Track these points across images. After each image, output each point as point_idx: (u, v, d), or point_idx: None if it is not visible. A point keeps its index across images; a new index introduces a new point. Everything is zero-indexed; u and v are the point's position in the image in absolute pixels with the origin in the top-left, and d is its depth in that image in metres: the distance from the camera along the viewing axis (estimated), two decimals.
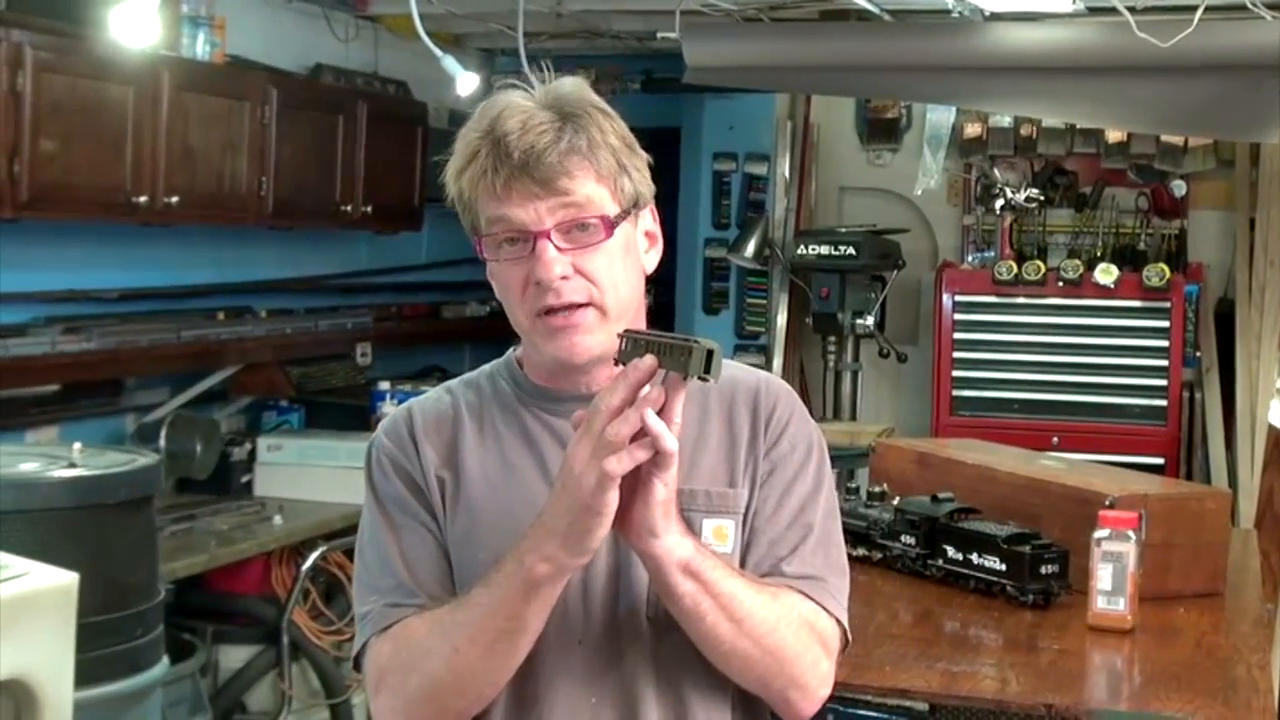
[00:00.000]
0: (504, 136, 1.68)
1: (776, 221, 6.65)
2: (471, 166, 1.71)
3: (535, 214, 1.69)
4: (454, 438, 1.81)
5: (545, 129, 1.68)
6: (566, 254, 1.70)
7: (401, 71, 6.16)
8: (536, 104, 1.71)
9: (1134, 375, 5.98)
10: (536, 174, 1.68)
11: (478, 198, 1.72)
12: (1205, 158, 6.13)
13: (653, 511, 1.59)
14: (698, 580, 1.64)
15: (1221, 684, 2.81)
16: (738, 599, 1.66)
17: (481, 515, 1.76)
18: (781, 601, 1.71)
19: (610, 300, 1.72)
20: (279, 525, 4.81)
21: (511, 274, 1.73)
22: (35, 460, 3.58)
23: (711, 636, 1.67)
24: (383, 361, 6.17)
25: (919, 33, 5.32)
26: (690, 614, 1.66)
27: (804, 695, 1.74)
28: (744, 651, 1.68)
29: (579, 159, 1.69)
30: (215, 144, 4.81)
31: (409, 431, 1.82)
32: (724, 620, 1.66)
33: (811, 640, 1.73)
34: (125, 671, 3.48)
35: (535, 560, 1.60)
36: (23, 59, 4.01)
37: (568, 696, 1.73)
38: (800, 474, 1.81)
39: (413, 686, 1.70)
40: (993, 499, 3.59)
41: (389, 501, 1.80)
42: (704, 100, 6.85)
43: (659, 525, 1.60)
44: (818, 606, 1.75)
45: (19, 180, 4.03)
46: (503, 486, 1.77)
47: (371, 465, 1.83)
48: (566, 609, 1.71)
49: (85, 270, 4.83)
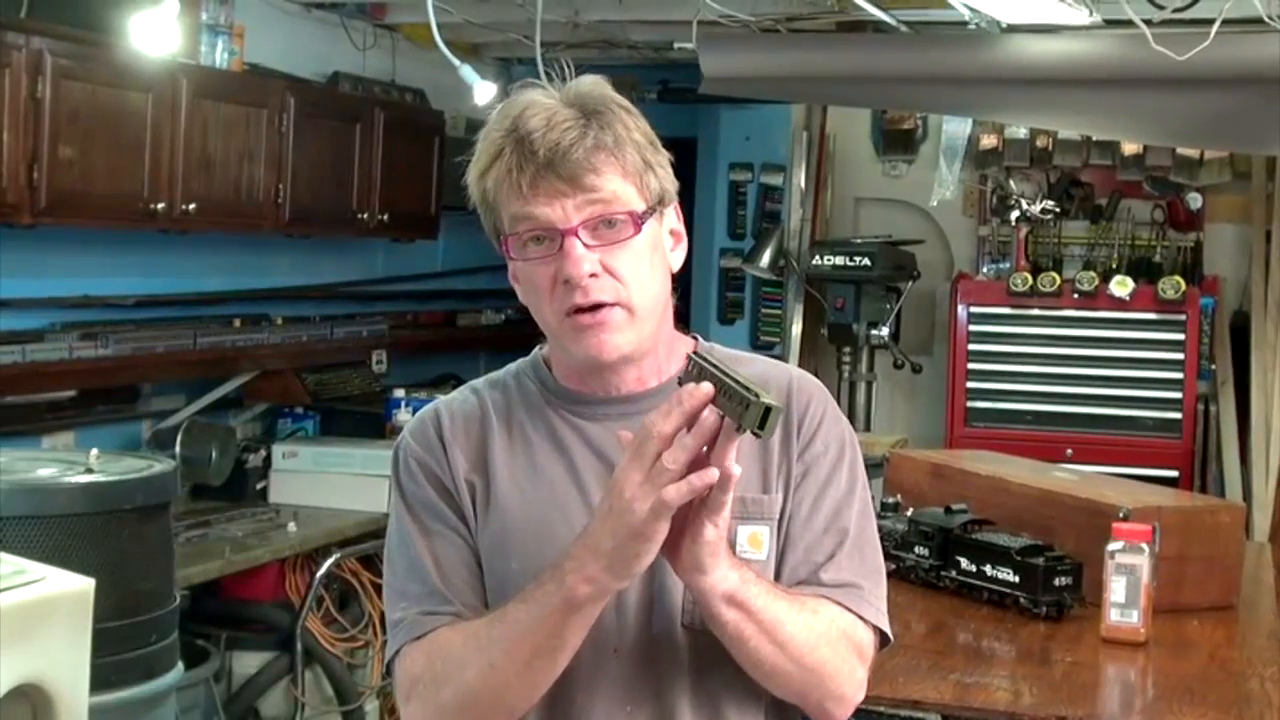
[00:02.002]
0: (528, 135, 1.65)
1: (792, 232, 6.65)
2: (496, 166, 1.68)
3: (562, 211, 1.66)
4: (483, 440, 1.79)
5: (570, 126, 1.66)
6: (594, 251, 1.67)
7: (419, 80, 6.17)
8: (559, 101, 1.69)
9: (1149, 388, 5.96)
10: (563, 171, 1.65)
11: (502, 197, 1.69)
12: (1221, 171, 6.12)
13: (701, 550, 1.56)
14: (742, 610, 1.62)
15: (1235, 698, 2.81)
16: (780, 622, 1.65)
17: (512, 522, 1.75)
18: (821, 617, 1.70)
19: (638, 298, 1.70)
20: (293, 532, 4.82)
21: (538, 273, 1.70)
22: (52, 466, 3.59)
23: (754, 659, 1.66)
24: (398, 369, 6.19)
25: (936, 44, 5.32)
26: (733, 639, 1.65)
27: (839, 704, 1.74)
28: (785, 671, 1.67)
29: (605, 155, 1.67)
30: (233, 152, 4.82)
31: (437, 434, 1.80)
32: (766, 644, 1.65)
33: (849, 652, 1.72)
34: (140, 677, 3.48)
35: (578, 580, 1.58)
36: (43, 66, 4.03)
37: (604, 705, 1.72)
38: (834, 475, 1.79)
39: (445, 698, 1.69)
40: (1006, 511, 3.59)
41: (419, 506, 1.78)
42: (720, 111, 6.86)
43: (706, 564, 1.58)
44: (855, 618, 1.74)
45: (38, 187, 4.05)
46: (533, 492, 1.76)
47: (399, 469, 1.81)
48: (601, 618, 1.70)
49: (102, 276, 4.85)
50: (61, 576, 2.37)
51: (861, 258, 6.09)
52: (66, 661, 2.25)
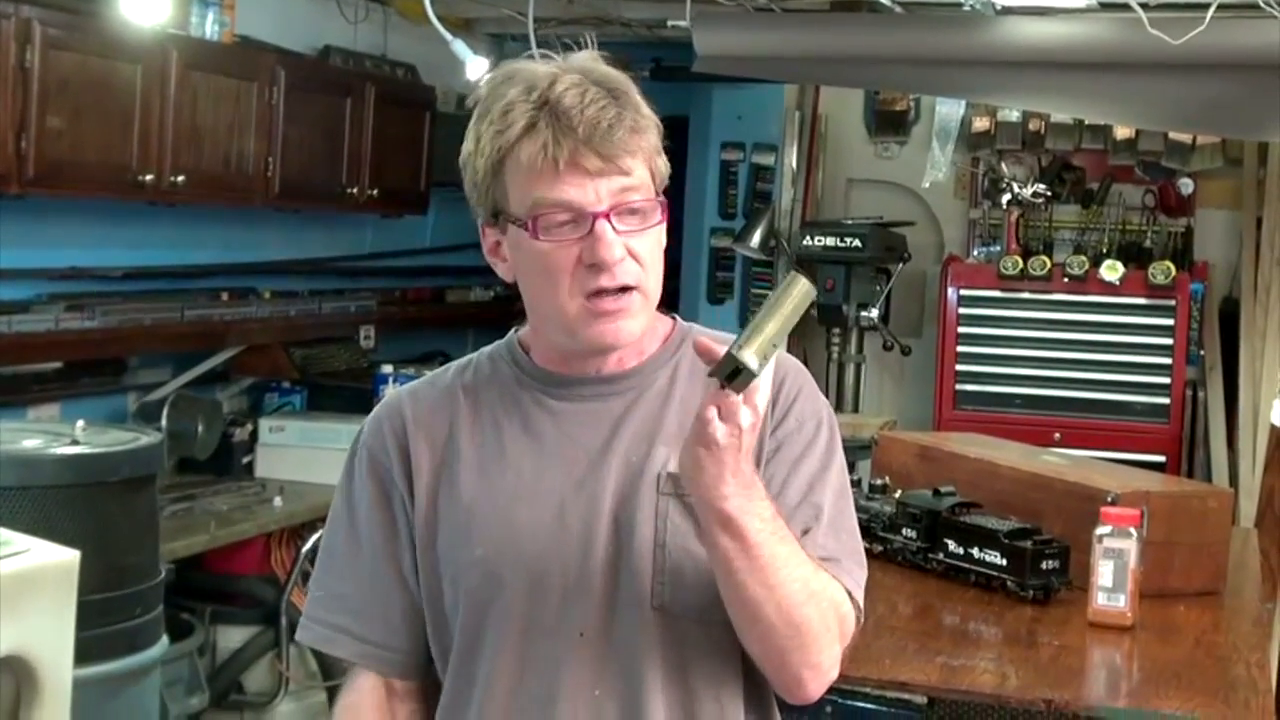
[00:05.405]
0: (566, 110, 1.62)
1: (783, 212, 6.64)
2: (530, 139, 1.63)
3: (595, 194, 1.63)
4: (449, 428, 1.78)
5: (605, 104, 1.63)
6: (622, 236, 1.65)
7: (410, 55, 6.14)
8: (581, 75, 1.66)
9: (1137, 373, 5.96)
10: (603, 150, 1.62)
11: (526, 171, 1.64)
12: (1213, 156, 6.12)
13: (701, 453, 1.54)
14: (737, 538, 1.57)
15: (1221, 682, 2.81)
16: (775, 566, 1.60)
17: (477, 509, 1.73)
18: (821, 578, 1.66)
19: (652, 284, 1.69)
20: (279, 507, 4.82)
21: (560, 255, 1.65)
22: (38, 437, 3.57)
23: (740, 597, 1.61)
24: (386, 345, 6.18)
25: (930, 25, 5.30)
26: (722, 568, 1.60)
27: (815, 675, 1.69)
28: (768, 621, 1.62)
29: (637, 138, 1.65)
30: (222, 124, 4.80)
31: (400, 421, 1.80)
32: (755, 584, 1.60)
33: (834, 620, 1.68)
34: (124, 650, 3.48)
35: None
36: (31, 35, 4.00)
37: (570, 689, 1.70)
38: (808, 451, 1.75)
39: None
40: (994, 494, 3.59)
41: (358, 500, 1.82)
42: (712, 90, 6.85)
43: (707, 468, 1.55)
44: (843, 590, 1.70)
45: (26, 156, 4.03)
46: (499, 478, 1.74)
47: (352, 454, 1.84)
48: (565, 602, 1.69)
49: (90, 248, 4.82)
50: (46, 548, 2.36)
51: (852, 239, 6.08)
52: (50, 634, 2.24)
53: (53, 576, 2.29)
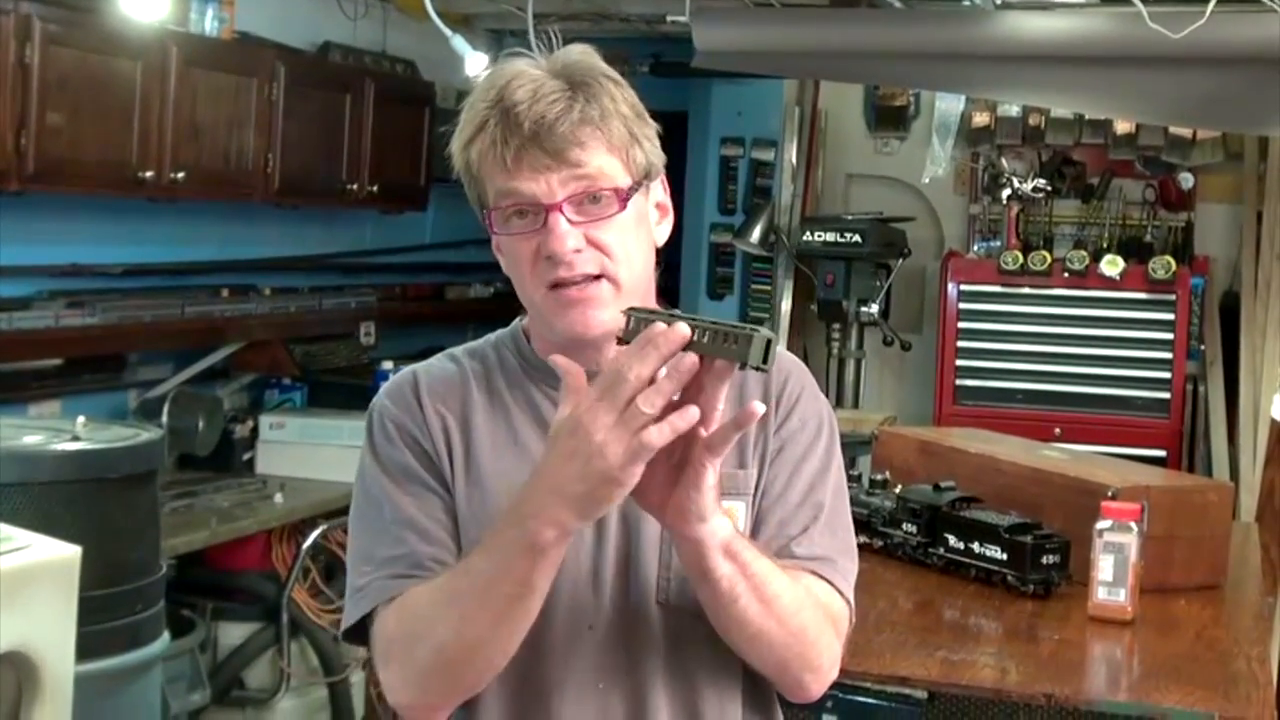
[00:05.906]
0: (513, 107, 1.63)
1: (783, 207, 6.63)
2: (480, 138, 1.66)
3: (547, 186, 1.64)
4: (463, 406, 1.76)
5: (556, 98, 1.64)
6: (579, 227, 1.65)
7: (410, 51, 6.14)
8: (546, 72, 1.67)
9: (1138, 367, 5.96)
10: (548, 145, 1.63)
11: (486, 170, 1.67)
12: (1213, 150, 6.11)
13: (704, 497, 1.52)
14: (736, 562, 1.58)
15: (1221, 677, 2.81)
16: (768, 580, 1.61)
17: (494, 491, 1.72)
18: (801, 583, 1.68)
19: (624, 273, 1.68)
20: (280, 503, 4.81)
21: (521, 248, 1.68)
22: (39, 433, 3.58)
23: (741, 619, 1.62)
24: (386, 341, 6.17)
25: (930, 20, 5.30)
26: (725, 596, 1.60)
27: (817, 677, 1.71)
28: (769, 633, 1.64)
29: (591, 129, 1.65)
30: (222, 120, 4.80)
31: (415, 397, 1.77)
32: (755, 602, 1.61)
33: (827, 623, 1.70)
34: (125, 646, 3.48)
35: (540, 525, 1.51)
36: (31, 31, 4.00)
37: (576, 683, 1.71)
38: (810, 451, 1.78)
39: (420, 656, 1.64)
40: (995, 488, 3.59)
41: (395, 470, 1.74)
42: (712, 85, 6.84)
43: (708, 510, 1.53)
44: (831, 588, 1.73)
45: (25, 153, 4.03)
46: (514, 460, 1.73)
47: (374, 431, 1.77)
48: (577, 595, 1.69)
49: (90, 245, 4.82)
50: (48, 544, 2.36)
51: (852, 234, 6.08)
52: (52, 629, 2.25)
53: (54, 572, 2.29)
